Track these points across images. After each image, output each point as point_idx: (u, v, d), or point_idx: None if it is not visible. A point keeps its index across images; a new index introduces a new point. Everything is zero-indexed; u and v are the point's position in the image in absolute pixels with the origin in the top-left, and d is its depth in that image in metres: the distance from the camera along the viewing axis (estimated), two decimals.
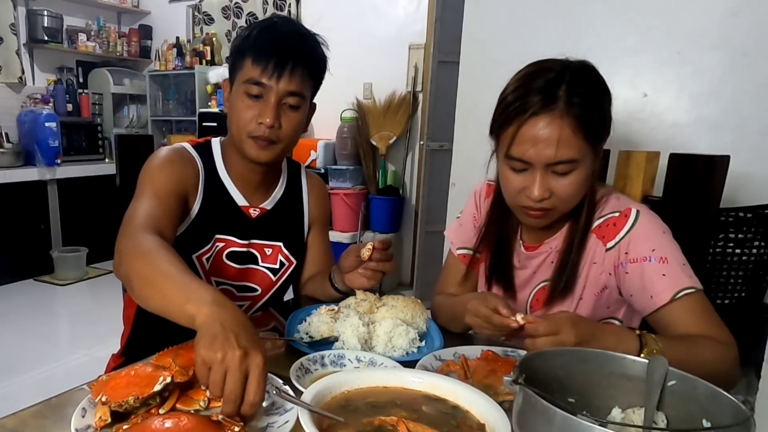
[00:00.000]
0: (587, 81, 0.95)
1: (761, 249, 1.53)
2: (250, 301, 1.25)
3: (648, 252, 0.96)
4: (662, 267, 0.95)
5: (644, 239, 0.98)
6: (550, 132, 0.92)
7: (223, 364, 0.66)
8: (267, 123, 1.08)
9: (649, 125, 1.70)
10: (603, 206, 1.04)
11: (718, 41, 1.57)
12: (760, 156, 1.54)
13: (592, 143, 0.95)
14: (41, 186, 4.04)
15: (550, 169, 0.95)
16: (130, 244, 0.93)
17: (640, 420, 0.65)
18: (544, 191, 0.95)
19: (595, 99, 0.95)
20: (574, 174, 0.95)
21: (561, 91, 0.92)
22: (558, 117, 0.91)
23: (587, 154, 0.95)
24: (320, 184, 1.38)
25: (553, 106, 0.92)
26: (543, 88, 0.93)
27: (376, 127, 3.97)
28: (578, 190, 0.97)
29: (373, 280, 1.13)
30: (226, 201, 1.19)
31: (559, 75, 0.93)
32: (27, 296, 3.79)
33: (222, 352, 0.66)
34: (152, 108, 5.04)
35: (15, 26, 4.20)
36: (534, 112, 0.92)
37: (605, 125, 0.98)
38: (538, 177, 0.95)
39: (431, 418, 0.64)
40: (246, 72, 1.09)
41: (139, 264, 0.88)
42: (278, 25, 1.12)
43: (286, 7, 4.38)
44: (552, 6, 1.78)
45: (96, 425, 0.67)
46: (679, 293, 0.93)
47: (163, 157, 1.13)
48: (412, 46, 3.94)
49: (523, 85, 0.96)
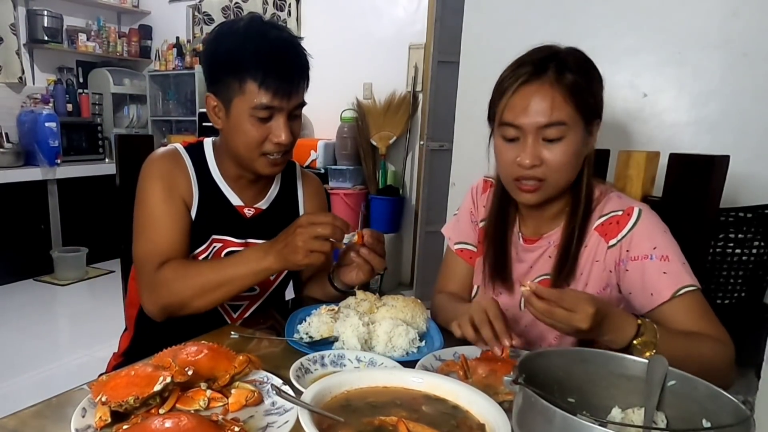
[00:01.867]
0: (577, 60, 0.99)
1: (761, 249, 1.53)
2: (248, 301, 1.25)
3: (649, 250, 0.97)
4: (663, 265, 0.95)
5: (646, 237, 0.98)
6: (540, 97, 0.96)
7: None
8: (284, 141, 1.09)
9: (649, 125, 1.70)
10: (605, 204, 1.05)
11: (718, 41, 1.57)
12: (760, 156, 1.54)
13: (583, 116, 0.98)
14: (41, 186, 4.04)
15: (540, 135, 0.97)
16: (162, 279, 1.07)
17: (640, 420, 0.65)
18: (535, 158, 0.97)
19: (584, 76, 0.98)
20: (564, 142, 0.97)
21: (551, 64, 0.97)
22: (548, 84, 0.96)
23: (577, 124, 0.97)
24: (316, 182, 1.38)
25: (544, 75, 0.96)
26: (534, 61, 0.98)
27: (376, 127, 3.97)
28: (568, 161, 0.98)
29: (363, 273, 1.12)
30: (221, 201, 1.19)
31: (551, 53, 0.99)
32: (27, 296, 3.78)
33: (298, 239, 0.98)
34: (152, 108, 5.04)
35: (15, 26, 4.20)
36: (525, 80, 0.97)
37: (595, 103, 1.00)
38: (530, 142, 0.97)
39: (431, 418, 0.64)
40: (251, 97, 1.05)
41: (187, 285, 1.06)
42: (267, 36, 1.07)
43: (286, 7, 4.38)
44: (552, 6, 1.78)
45: (96, 425, 0.67)
46: (679, 291, 0.94)
47: (155, 172, 1.13)
48: (412, 46, 3.94)
49: (516, 62, 1.01)
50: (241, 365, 0.81)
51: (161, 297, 1.08)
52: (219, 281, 1.05)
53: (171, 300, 1.07)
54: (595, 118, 1.01)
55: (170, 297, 1.07)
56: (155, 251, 1.10)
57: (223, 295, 1.07)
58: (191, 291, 1.05)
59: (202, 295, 1.06)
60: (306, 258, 0.99)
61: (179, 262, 1.09)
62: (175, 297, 1.06)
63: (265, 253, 1.04)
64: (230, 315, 1.23)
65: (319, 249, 0.99)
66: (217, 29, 1.11)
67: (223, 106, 1.10)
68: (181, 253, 1.12)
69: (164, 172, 1.13)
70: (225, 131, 1.14)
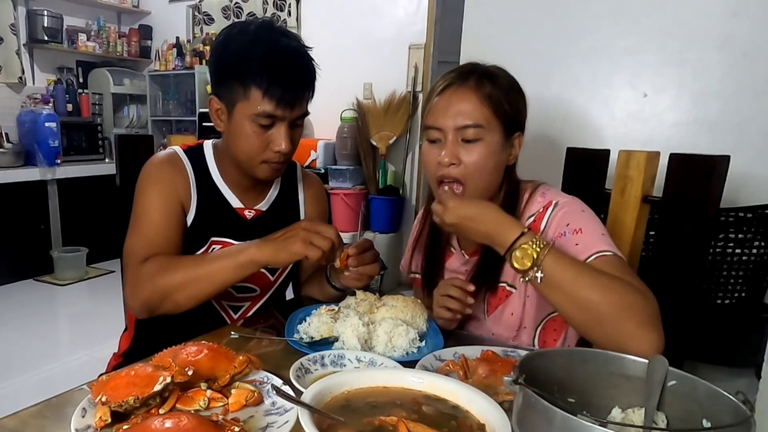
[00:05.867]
0: (498, 75, 1.06)
1: (761, 249, 1.53)
2: (249, 302, 1.25)
3: (563, 228, 1.01)
4: (576, 237, 0.98)
5: (560, 219, 1.02)
6: (458, 99, 1.03)
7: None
8: (284, 150, 1.09)
9: (649, 125, 1.70)
10: (530, 205, 1.09)
11: (718, 41, 1.57)
12: (760, 156, 1.54)
13: (501, 122, 1.04)
14: (41, 186, 4.04)
15: (459, 136, 1.03)
16: (145, 272, 1.04)
17: (640, 420, 0.65)
18: (454, 156, 1.03)
19: (504, 88, 1.05)
20: (481, 144, 1.03)
21: (473, 75, 1.05)
22: (469, 89, 1.03)
23: (495, 129, 1.03)
24: (317, 183, 1.38)
25: (464, 82, 1.04)
26: (458, 71, 1.06)
27: (376, 127, 3.97)
28: (485, 163, 1.03)
29: (360, 282, 1.13)
30: (220, 204, 1.19)
31: (474, 67, 1.07)
32: (27, 296, 3.78)
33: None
34: (152, 108, 5.04)
35: (15, 26, 4.20)
36: (447, 85, 1.05)
37: (515, 114, 1.06)
38: (449, 142, 1.03)
39: (431, 418, 0.64)
40: (255, 104, 1.05)
41: (168, 278, 1.02)
42: (276, 45, 1.06)
43: (286, 7, 4.38)
44: (552, 6, 1.78)
45: (96, 425, 0.67)
46: (592, 255, 0.94)
47: (153, 176, 1.14)
48: (412, 46, 3.94)
49: (443, 75, 1.09)
50: (241, 365, 0.81)
51: (142, 291, 1.04)
52: (200, 274, 1.02)
53: (151, 294, 1.04)
54: (516, 131, 1.07)
55: (151, 291, 1.03)
56: (143, 245, 1.08)
57: (205, 289, 1.03)
58: (172, 284, 1.02)
59: (182, 288, 1.02)
60: (305, 247, 0.99)
61: (163, 257, 1.06)
62: (155, 291, 1.03)
63: (249, 245, 1.03)
64: (230, 316, 1.23)
65: (319, 245, 0.99)
66: (226, 31, 1.10)
67: (227, 109, 1.10)
68: (170, 250, 1.10)
69: (162, 177, 1.14)
70: (226, 135, 1.13)
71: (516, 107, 1.06)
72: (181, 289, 1.02)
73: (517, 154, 1.09)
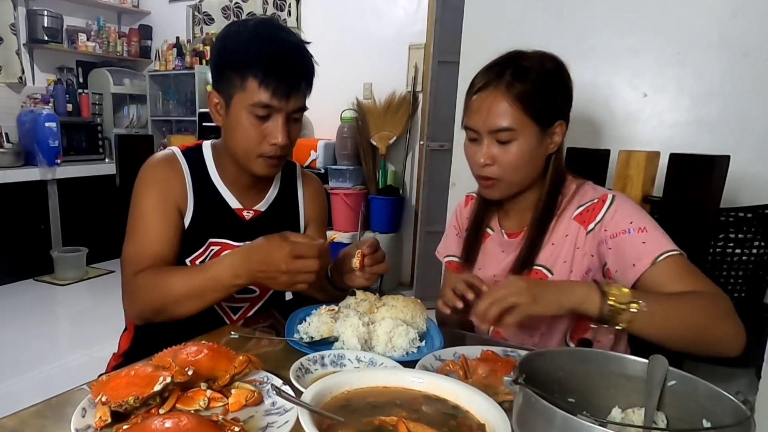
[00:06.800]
0: (537, 67, 1.05)
1: (761, 249, 1.53)
2: (249, 303, 1.25)
3: (627, 225, 1.01)
4: (641, 236, 0.99)
5: (621, 215, 1.03)
6: (489, 103, 1.05)
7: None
8: (280, 143, 1.08)
9: (649, 125, 1.70)
10: (582, 196, 1.10)
11: (718, 41, 1.57)
12: (760, 156, 1.54)
13: (535, 120, 1.04)
14: (41, 186, 4.04)
15: (493, 137, 1.05)
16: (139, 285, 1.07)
17: (640, 420, 0.65)
18: (487, 157, 1.07)
19: (535, 83, 1.04)
20: (515, 144, 1.05)
21: (508, 70, 1.04)
22: (499, 92, 1.04)
23: (528, 128, 1.04)
24: (316, 183, 1.38)
25: (499, 82, 1.04)
26: (491, 69, 1.07)
27: (376, 127, 3.97)
28: (519, 161, 1.06)
29: (371, 281, 1.15)
30: (219, 204, 1.19)
31: (510, 60, 1.06)
32: (27, 296, 3.79)
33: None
34: (152, 108, 5.04)
35: (15, 26, 4.20)
36: (481, 86, 1.07)
37: (553, 106, 1.06)
38: (484, 144, 1.07)
39: (431, 418, 0.64)
40: (251, 94, 1.05)
41: (159, 294, 1.04)
42: (273, 38, 1.08)
43: (286, 7, 4.38)
44: (552, 6, 1.78)
45: (96, 425, 0.67)
46: (660, 256, 0.96)
47: (148, 177, 1.14)
48: (412, 46, 3.94)
49: (485, 67, 1.09)
50: (241, 365, 0.81)
51: (136, 303, 1.08)
52: (189, 293, 1.03)
53: (145, 307, 1.07)
54: (556, 120, 1.07)
55: (143, 305, 1.07)
56: (139, 256, 1.10)
57: (197, 305, 1.04)
58: (162, 301, 1.04)
59: (174, 305, 1.04)
60: (289, 287, 1.04)
61: (154, 271, 1.07)
62: (147, 305, 1.06)
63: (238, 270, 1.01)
64: (230, 317, 1.23)
65: (303, 280, 1.01)
66: (226, 28, 1.13)
67: (225, 102, 1.11)
68: (165, 260, 1.11)
69: (159, 178, 1.14)
70: (224, 128, 1.14)
71: (551, 99, 1.06)
72: (173, 306, 1.04)
73: (560, 141, 1.09)
